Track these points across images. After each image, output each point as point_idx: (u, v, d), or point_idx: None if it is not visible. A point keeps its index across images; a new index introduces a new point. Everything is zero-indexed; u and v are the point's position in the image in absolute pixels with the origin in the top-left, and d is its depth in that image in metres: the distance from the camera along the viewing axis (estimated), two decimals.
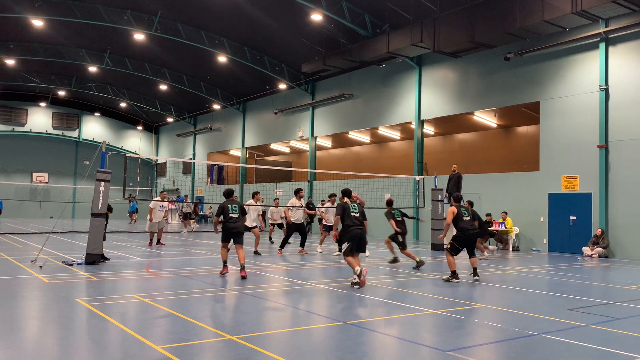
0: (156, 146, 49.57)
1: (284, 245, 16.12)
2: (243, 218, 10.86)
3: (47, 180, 43.27)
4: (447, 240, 14.19)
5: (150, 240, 17.44)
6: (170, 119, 45.58)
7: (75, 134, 45.33)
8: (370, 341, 5.93)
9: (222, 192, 11.10)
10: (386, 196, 15.98)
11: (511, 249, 18.99)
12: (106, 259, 12.62)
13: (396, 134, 29.41)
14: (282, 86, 32.17)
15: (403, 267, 12.79)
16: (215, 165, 39.13)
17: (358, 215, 9.63)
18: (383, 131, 28.84)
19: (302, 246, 16.17)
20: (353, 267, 9.23)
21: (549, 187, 18.94)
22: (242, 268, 10.27)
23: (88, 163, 42.70)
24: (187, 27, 27.47)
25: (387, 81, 25.86)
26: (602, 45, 17.65)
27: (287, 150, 38.35)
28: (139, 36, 27.73)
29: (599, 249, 16.77)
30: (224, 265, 10.71)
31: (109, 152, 13.02)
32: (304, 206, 16.12)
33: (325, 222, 16.94)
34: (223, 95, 37.26)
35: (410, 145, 26.51)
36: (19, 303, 7.69)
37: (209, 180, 40.80)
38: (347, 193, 10.18)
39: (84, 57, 32.55)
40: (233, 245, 10.64)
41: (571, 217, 18.27)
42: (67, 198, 40.39)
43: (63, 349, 5.40)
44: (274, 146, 36.92)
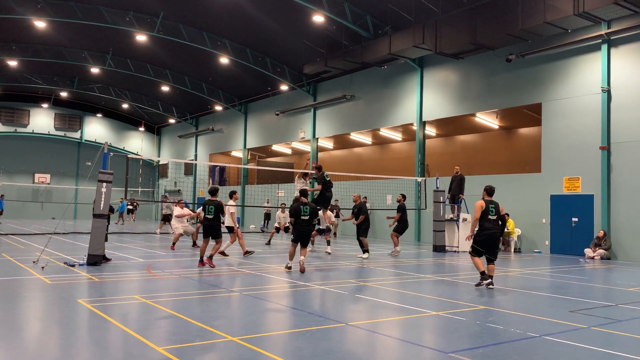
0: (158, 147, 49.62)
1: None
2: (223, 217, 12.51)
3: (49, 181, 43.32)
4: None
5: (173, 243, 16.68)
6: (172, 120, 45.66)
7: (77, 135, 45.40)
8: (371, 343, 5.92)
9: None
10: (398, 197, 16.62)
11: (513, 251, 18.97)
12: (107, 260, 12.63)
13: (398, 136, 29.38)
14: (284, 87, 32.19)
15: (403, 268, 12.78)
16: (217, 166, 39.11)
17: (307, 218, 11.51)
18: (385, 132, 28.82)
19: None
20: (291, 257, 11.65)
21: (551, 189, 18.91)
22: (201, 259, 11.99)
23: (90, 164, 42.69)
24: (189, 29, 27.52)
25: (389, 82, 25.85)
26: (604, 47, 17.62)
27: (289, 151, 38.35)
28: (141, 37, 27.78)
29: (601, 251, 16.73)
30: (200, 259, 12.08)
31: (111, 153, 13.02)
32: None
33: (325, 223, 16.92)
34: (225, 96, 37.30)
35: (412, 146, 26.49)
36: (21, 304, 7.70)
37: (211, 181, 40.76)
38: (304, 193, 12.01)
39: (86, 58, 32.62)
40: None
41: (573, 219, 18.24)
42: (69, 199, 40.46)
43: (64, 350, 5.40)
44: (276, 147, 36.93)
